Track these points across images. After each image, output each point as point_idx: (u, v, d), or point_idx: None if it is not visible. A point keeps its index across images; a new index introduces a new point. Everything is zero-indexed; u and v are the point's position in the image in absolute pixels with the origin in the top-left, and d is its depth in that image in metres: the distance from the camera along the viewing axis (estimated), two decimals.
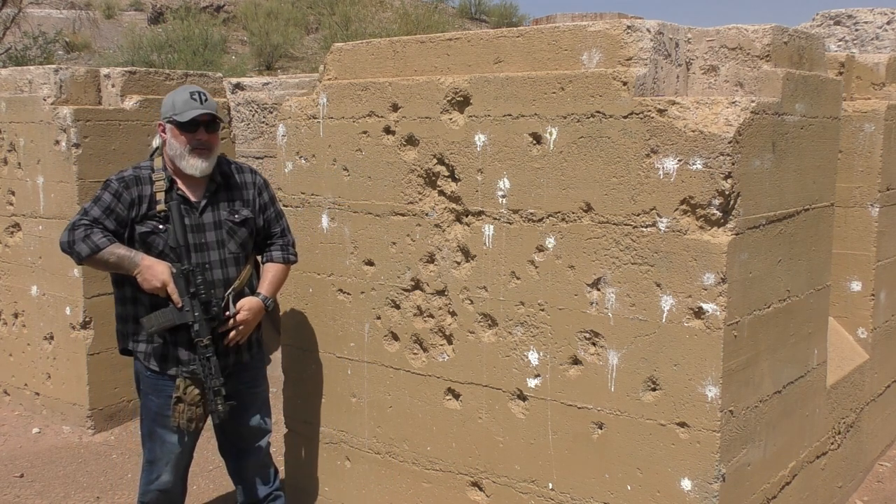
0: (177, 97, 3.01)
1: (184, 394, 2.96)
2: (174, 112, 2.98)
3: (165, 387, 2.99)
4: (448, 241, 3.10)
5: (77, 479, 4.40)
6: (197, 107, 2.97)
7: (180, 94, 3.03)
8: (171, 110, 2.99)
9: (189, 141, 2.97)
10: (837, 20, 6.39)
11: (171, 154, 3.00)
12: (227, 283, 3.04)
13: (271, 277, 3.18)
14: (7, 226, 5.33)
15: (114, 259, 2.90)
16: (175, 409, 2.97)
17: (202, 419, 3.05)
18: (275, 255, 3.22)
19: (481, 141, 2.96)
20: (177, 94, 3.03)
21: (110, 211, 2.93)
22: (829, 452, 3.57)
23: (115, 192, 2.95)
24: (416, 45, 3.19)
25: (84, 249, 2.87)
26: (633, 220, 2.65)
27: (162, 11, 21.06)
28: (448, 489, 3.20)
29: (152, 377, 3.02)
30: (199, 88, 3.05)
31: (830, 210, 3.21)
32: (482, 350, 3.04)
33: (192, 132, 2.96)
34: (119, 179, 2.99)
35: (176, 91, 3.08)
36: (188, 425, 2.99)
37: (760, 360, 2.76)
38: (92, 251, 2.87)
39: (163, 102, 3.08)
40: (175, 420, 2.97)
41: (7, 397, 5.50)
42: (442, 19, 20.83)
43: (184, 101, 2.98)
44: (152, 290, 2.91)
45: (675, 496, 2.63)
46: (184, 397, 2.96)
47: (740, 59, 2.74)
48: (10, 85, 5.23)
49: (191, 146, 2.97)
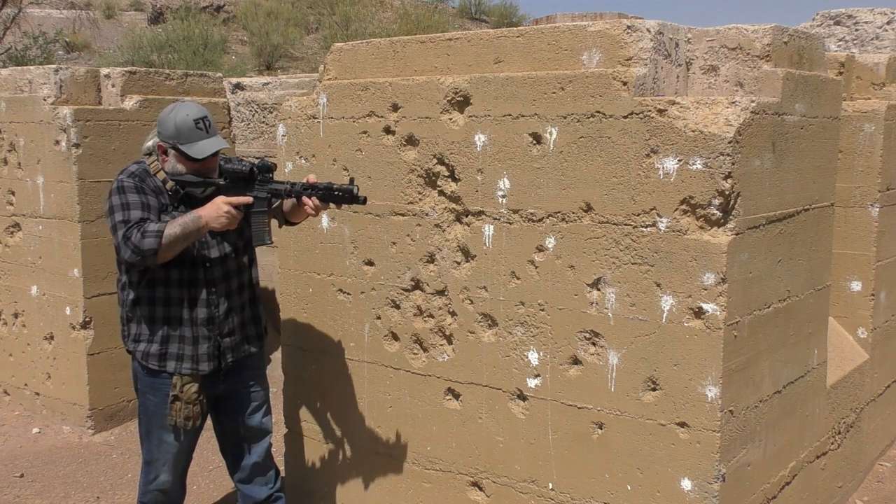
0: (179, 122, 2.87)
1: (181, 392, 2.95)
2: (179, 141, 2.87)
3: (163, 385, 2.98)
4: (448, 241, 3.10)
5: (77, 479, 4.40)
6: (204, 136, 2.89)
7: (182, 118, 2.88)
8: (176, 137, 2.88)
9: (197, 168, 2.92)
10: (837, 20, 6.39)
11: (170, 172, 2.94)
12: (227, 275, 3.04)
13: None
14: (7, 226, 5.33)
15: (179, 230, 2.78)
16: (172, 408, 2.96)
17: (200, 418, 3.05)
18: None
19: (481, 141, 2.96)
20: (178, 118, 2.88)
21: (144, 206, 2.84)
22: (829, 452, 3.57)
23: (135, 188, 2.87)
24: (417, 45, 3.19)
25: (152, 243, 2.75)
26: (633, 220, 2.65)
27: (162, 11, 21.06)
28: (448, 489, 3.20)
29: (149, 376, 3.01)
30: (202, 112, 2.92)
31: (830, 210, 3.21)
32: (482, 350, 3.04)
33: (202, 162, 2.91)
34: (130, 175, 2.92)
35: (176, 112, 2.91)
36: (185, 424, 2.98)
37: (760, 360, 2.76)
38: (159, 237, 2.75)
39: (160, 120, 2.93)
40: (172, 418, 2.97)
41: (7, 397, 5.50)
42: (442, 19, 20.84)
43: (189, 130, 2.87)
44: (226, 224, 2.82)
45: (675, 496, 2.63)
46: (181, 395, 2.96)
47: (740, 59, 2.74)
48: (10, 85, 5.23)
49: (197, 173, 2.93)
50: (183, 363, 2.97)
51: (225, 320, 3.02)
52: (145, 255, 2.77)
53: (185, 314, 2.96)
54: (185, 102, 3.02)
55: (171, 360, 2.98)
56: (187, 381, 2.96)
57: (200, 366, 2.99)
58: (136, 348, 3.02)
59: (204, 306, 2.98)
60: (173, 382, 2.96)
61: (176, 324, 2.96)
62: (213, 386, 3.07)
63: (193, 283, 2.96)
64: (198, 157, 2.88)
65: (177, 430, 3.01)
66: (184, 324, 2.96)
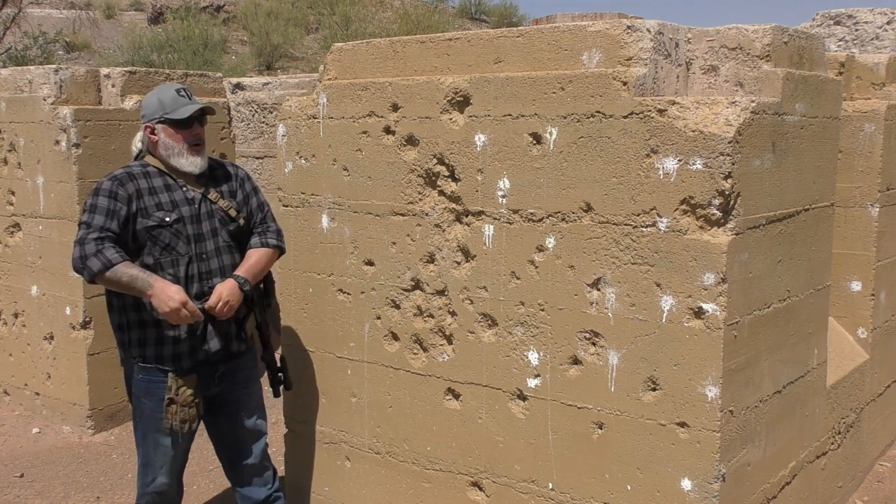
0: (163, 96, 3.02)
1: (176, 394, 2.95)
2: (164, 111, 2.98)
3: (158, 389, 2.97)
4: (448, 241, 3.10)
5: (77, 479, 4.40)
6: (188, 103, 3.02)
7: (165, 92, 3.04)
8: (161, 109, 2.99)
9: (186, 138, 3.01)
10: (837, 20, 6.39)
11: (165, 154, 3.00)
12: (223, 271, 3.06)
13: (249, 261, 3.14)
14: (7, 226, 5.33)
15: (126, 279, 2.81)
16: (168, 411, 2.95)
17: (196, 420, 3.05)
18: (252, 241, 3.20)
19: (481, 141, 2.96)
20: (162, 94, 3.03)
21: (111, 213, 2.87)
22: (829, 452, 3.57)
23: (109, 193, 2.90)
24: (417, 45, 3.19)
25: (96, 265, 2.78)
26: (633, 220, 2.65)
27: (162, 11, 21.07)
28: (448, 489, 3.20)
29: (144, 380, 3.00)
30: (180, 85, 3.08)
31: (830, 210, 3.21)
32: (482, 350, 3.04)
33: (189, 128, 3.01)
34: (111, 179, 2.95)
35: (158, 91, 3.07)
36: (181, 426, 2.97)
37: (760, 360, 2.76)
38: (105, 266, 2.78)
39: (144, 104, 3.06)
40: (168, 421, 2.96)
41: (7, 397, 5.50)
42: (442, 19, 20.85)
43: (172, 99, 3.00)
44: (167, 314, 2.82)
45: (675, 496, 2.63)
46: (176, 398, 2.95)
47: (740, 59, 2.74)
48: (10, 85, 5.23)
49: (188, 143, 3.01)
50: (182, 361, 2.97)
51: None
52: (84, 269, 2.81)
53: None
54: (166, 83, 3.12)
55: (167, 360, 2.97)
56: (182, 384, 2.96)
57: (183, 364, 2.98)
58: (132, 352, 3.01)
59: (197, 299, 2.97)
60: (168, 385, 2.95)
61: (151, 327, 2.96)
62: (207, 388, 3.07)
63: (187, 278, 2.97)
64: (184, 117, 2.97)
65: (173, 432, 3.00)
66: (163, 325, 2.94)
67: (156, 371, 2.98)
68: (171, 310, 2.80)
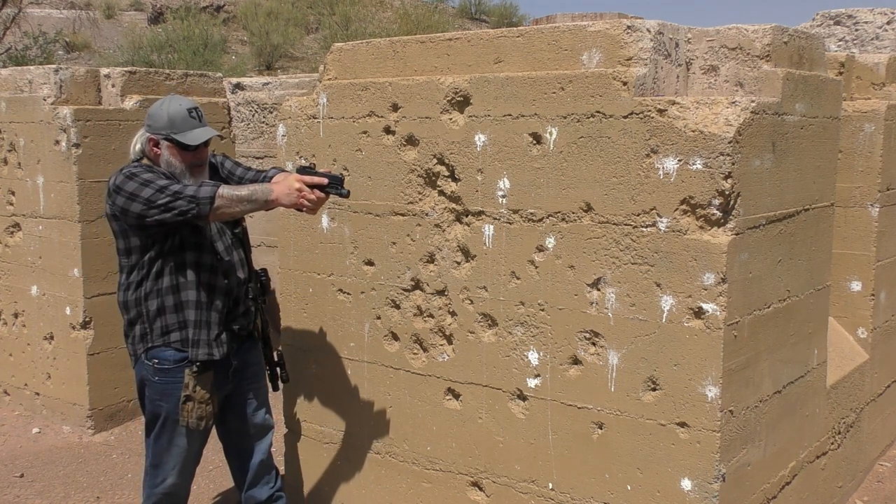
0: (173, 112, 2.90)
1: (193, 391, 2.94)
2: (173, 130, 2.89)
3: (175, 390, 2.95)
4: (448, 241, 3.10)
5: (77, 479, 4.40)
6: (198, 125, 2.93)
7: (175, 108, 2.91)
8: (170, 127, 2.89)
9: (189, 160, 2.94)
10: (837, 20, 6.39)
11: (165, 168, 2.94)
12: (242, 263, 3.11)
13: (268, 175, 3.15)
14: (7, 226, 5.33)
15: (246, 192, 2.80)
16: (184, 408, 2.94)
17: (211, 417, 3.03)
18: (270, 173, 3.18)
19: (481, 141, 2.96)
20: (171, 109, 2.91)
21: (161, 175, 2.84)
22: (829, 452, 3.57)
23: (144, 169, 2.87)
24: (417, 45, 3.19)
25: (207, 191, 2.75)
26: (633, 220, 2.65)
27: (162, 11, 21.07)
28: (448, 489, 3.20)
29: (161, 382, 2.97)
30: (191, 103, 2.97)
31: (830, 210, 3.21)
32: (482, 350, 3.04)
33: (195, 152, 2.94)
34: (134, 165, 2.93)
35: (168, 104, 2.94)
36: (198, 424, 2.96)
37: (760, 360, 2.76)
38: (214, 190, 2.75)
39: (151, 114, 2.94)
40: (185, 419, 2.94)
41: (7, 397, 5.50)
42: (442, 19, 20.85)
43: (183, 119, 2.90)
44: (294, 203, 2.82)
45: (675, 496, 2.63)
46: (193, 395, 2.94)
47: (740, 59, 2.74)
48: (10, 85, 5.23)
49: (190, 165, 2.94)
50: (199, 349, 2.96)
51: (235, 308, 3.07)
52: (200, 203, 2.75)
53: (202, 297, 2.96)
54: (176, 95, 3.07)
55: (192, 347, 2.95)
56: (198, 382, 2.95)
57: (214, 351, 2.98)
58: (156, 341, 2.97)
59: (218, 293, 2.99)
60: (185, 382, 2.94)
61: (190, 309, 2.95)
62: (223, 385, 3.07)
63: (208, 270, 2.97)
64: (192, 144, 2.91)
65: (189, 431, 2.99)
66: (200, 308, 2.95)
67: (174, 371, 2.96)
68: (299, 195, 2.82)
